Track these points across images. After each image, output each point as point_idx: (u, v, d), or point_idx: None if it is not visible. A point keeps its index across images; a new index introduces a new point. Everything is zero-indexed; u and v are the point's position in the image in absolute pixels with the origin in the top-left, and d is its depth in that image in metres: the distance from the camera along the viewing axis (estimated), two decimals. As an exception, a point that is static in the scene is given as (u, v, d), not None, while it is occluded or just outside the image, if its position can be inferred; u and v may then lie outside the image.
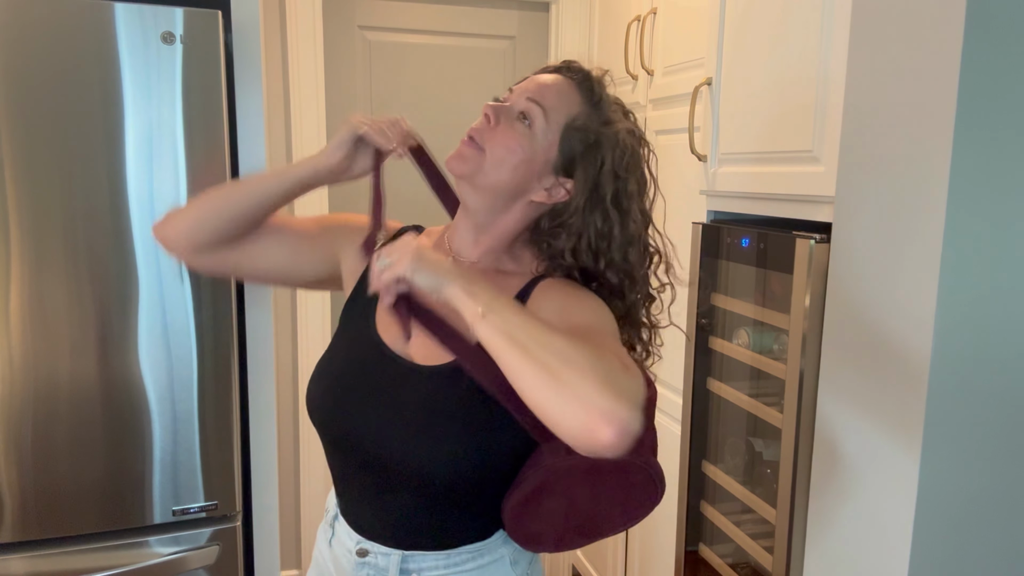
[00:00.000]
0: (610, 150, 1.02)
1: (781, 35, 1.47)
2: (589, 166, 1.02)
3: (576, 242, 1.03)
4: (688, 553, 1.82)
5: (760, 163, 1.54)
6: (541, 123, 1.01)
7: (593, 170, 1.02)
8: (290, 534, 2.63)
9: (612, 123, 1.03)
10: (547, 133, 1.02)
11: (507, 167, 1.01)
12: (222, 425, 1.56)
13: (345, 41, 2.54)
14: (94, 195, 1.42)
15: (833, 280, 1.30)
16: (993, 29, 1.03)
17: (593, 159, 1.02)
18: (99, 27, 1.39)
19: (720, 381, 1.72)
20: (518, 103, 1.02)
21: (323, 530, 1.17)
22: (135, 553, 1.53)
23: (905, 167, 1.13)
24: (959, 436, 1.12)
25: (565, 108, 1.02)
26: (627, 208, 1.04)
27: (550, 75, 1.06)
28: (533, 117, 1.01)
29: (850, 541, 1.27)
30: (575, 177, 1.02)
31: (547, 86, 1.03)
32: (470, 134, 1.02)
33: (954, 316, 1.08)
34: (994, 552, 1.17)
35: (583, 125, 1.02)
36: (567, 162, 1.03)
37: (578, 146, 1.02)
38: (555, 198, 1.04)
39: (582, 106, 1.03)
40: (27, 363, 1.43)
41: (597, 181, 1.02)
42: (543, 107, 1.01)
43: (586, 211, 1.02)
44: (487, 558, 1.06)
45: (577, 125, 1.02)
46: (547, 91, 1.03)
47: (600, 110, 1.04)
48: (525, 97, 1.02)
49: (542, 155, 1.02)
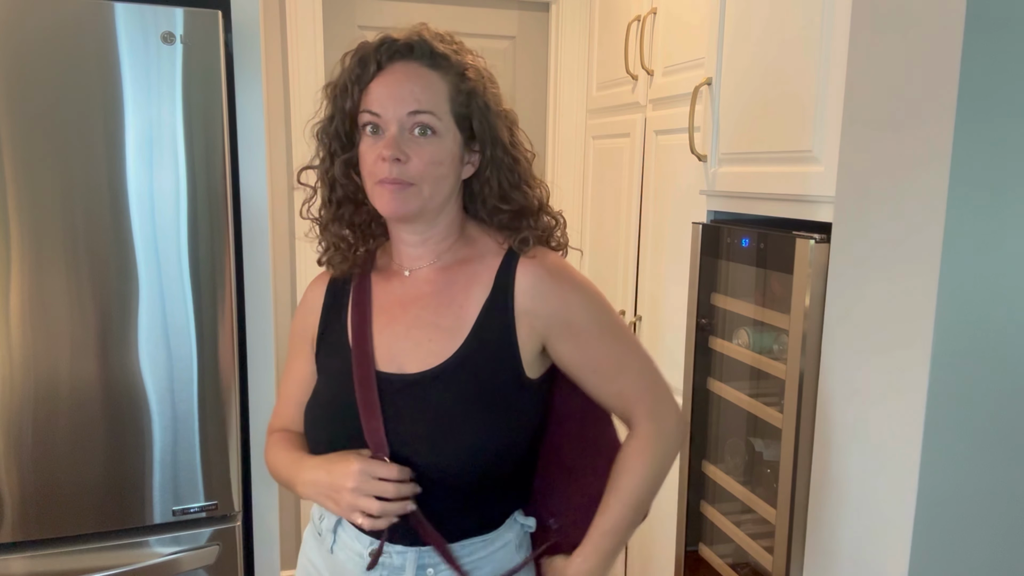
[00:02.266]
0: (480, 95, 1.04)
1: (781, 35, 1.47)
2: (477, 121, 1.04)
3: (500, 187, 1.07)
4: (688, 553, 1.82)
5: (760, 163, 1.54)
6: (439, 124, 1.01)
7: (481, 120, 1.04)
8: (290, 534, 2.63)
9: (464, 71, 1.04)
10: (447, 128, 1.02)
11: (443, 180, 1.03)
12: (222, 425, 1.56)
13: (345, 41, 2.52)
14: (94, 195, 1.42)
15: (833, 280, 1.30)
16: (993, 29, 1.03)
17: (478, 113, 1.04)
18: (99, 27, 1.39)
19: (720, 381, 1.72)
20: (406, 122, 1.00)
21: (316, 539, 1.15)
22: (135, 553, 1.53)
23: (905, 167, 1.13)
24: (959, 436, 1.12)
25: (440, 95, 1.02)
26: (515, 134, 1.09)
27: (400, 69, 1.02)
28: (431, 126, 1.01)
29: (850, 541, 1.27)
30: (477, 137, 1.05)
31: (414, 87, 1.01)
32: (388, 180, 1.00)
33: (954, 316, 1.08)
34: (994, 552, 1.17)
35: (457, 94, 1.03)
36: (467, 132, 1.05)
37: (465, 113, 1.04)
38: (475, 163, 1.07)
39: (445, 80, 1.03)
40: (27, 363, 1.43)
41: (489, 124, 1.05)
42: (431, 112, 1.01)
43: (495, 156, 1.06)
44: (496, 544, 1.08)
45: (456, 99, 1.03)
46: (420, 93, 1.01)
47: (452, 69, 1.03)
48: (407, 112, 1.00)
49: (455, 146, 1.04)
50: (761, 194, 1.54)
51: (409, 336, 1.06)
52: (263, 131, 1.61)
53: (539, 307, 1.03)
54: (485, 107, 1.04)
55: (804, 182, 1.40)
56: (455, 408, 1.02)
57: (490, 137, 1.05)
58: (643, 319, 2.24)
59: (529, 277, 1.05)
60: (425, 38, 1.03)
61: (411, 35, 1.03)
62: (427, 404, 1.03)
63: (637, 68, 2.22)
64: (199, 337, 1.52)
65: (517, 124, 1.10)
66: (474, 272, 1.07)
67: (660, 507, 2.13)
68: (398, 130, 1.00)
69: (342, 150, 1.08)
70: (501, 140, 1.06)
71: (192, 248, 1.50)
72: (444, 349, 1.04)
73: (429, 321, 1.06)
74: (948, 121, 1.05)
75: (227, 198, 1.51)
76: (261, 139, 1.61)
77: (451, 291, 1.07)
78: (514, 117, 1.10)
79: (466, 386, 1.02)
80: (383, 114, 1.01)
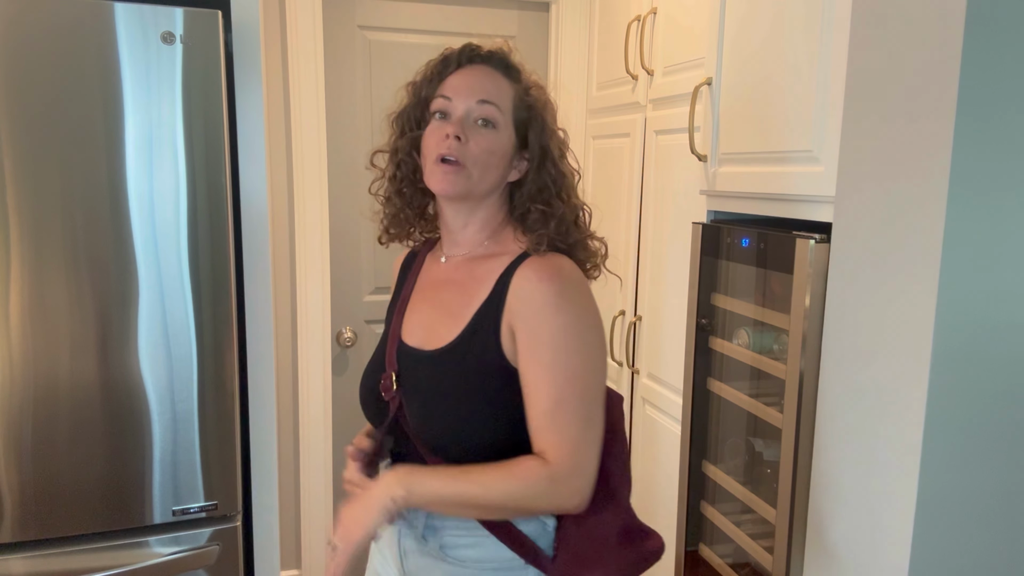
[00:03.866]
0: (540, 111, 1.17)
1: (781, 35, 1.47)
2: (533, 132, 1.16)
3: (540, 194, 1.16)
4: (688, 553, 1.82)
5: (760, 163, 1.54)
6: (500, 119, 1.13)
7: (537, 133, 1.16)
8: (290, 534, 2.63)
9: (530, 88, 1.18)
10: (505, 126, 1.14)
11: (492, 170, 1.13)
12: (222, 425, 1.56)
13: (345, 41, 2.54)
14: (94, 195, 1.42)
15: (833, 280, 1.30)
16: (993, 29, 1.03)
17: (536, 125, 1.16)
18: (99, 27, 1.39)
19: (720, 381, 1.72)
20: (473, 110, 1.13)
21: None
22: (135, 553, 1.53)
23: (905, 167, 1.13)
24: (959, 436, 1.12)
25: (506, 97, 1.15)
26: (564, 153, 1.20)
27: (477, 69, 1.16)
28: (493, 119, 1.13)
29: (850, 541, 1.27)
30: (529, 145, 1.16)
31: (486, 83, 1.14)
32: (445, 156, 1.11)
33: (954, 316, 1.08)
34: (994, 552, 1.17)
35: (520, 103, 1.16)
36: (522, 138, 1.17)
37: (524, 120, 1.16)
38: (521, 171, 1.17)
39: (513, 87, 1.16)
40: (27, 363, 1.43)
41: (541, 137, 1.16)
42: (496, 106, 1.13)
43: (542, 166, 1.16)
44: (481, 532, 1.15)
45: (519, 106, 1.16)
46: (490, 89, 1.14)
47: (521, 81, 1.18)
48: (476, 101, 1.13)
49: (509, 145, 1.15)
50: (761, 194, 1.54)
51: (432, 316, 1.18)
52: (263, 131, 1.61)
53: (514, 303, 1.08)
54: (542, 122, 1.16)
55: (804, 182, 1.40)
56: (443, 388, 1.11)
57: (539, 148, 1.16)
58: (643, 319, 2.24)
59: (520, 273, 1.09)
60: (504, 51, 1.18)
61: (492, 46, 1.18)
62: (427, 380, 1.13)
63: (637, 68, 2.23)
64: (199, 337, 1.52)
65: (567, 147, 1.21)
66: (492, 267, 1.14)
67: (660, 507, 2.13)
68: (464, 114, 1.13)
69: (411, 130, 1.20)
70: (551, 153, 1.16)
71: (192, 248, 1.50)
72: (449, 333, 1.13)
73: (447, 306, 1.16)
74: (948, 121, 1.05)
75: (227, 198, 1.51)
76: (261, 139, 1.61)
77: (470, 281, 1.16)
78: (566, 140, 1.21)
79: (455, 369, 1.11)
80: (454, 98, 1.14)
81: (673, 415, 2.04)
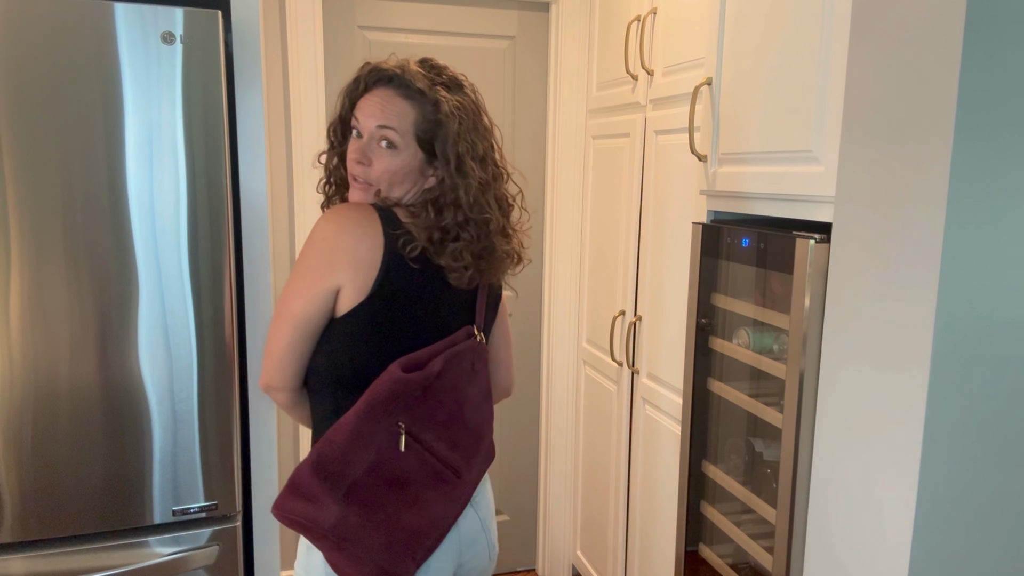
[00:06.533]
0: (445, 125, 1.26)
1: (781, 35, 1.47)
2: (439, 145, 1.27)
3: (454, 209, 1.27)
4: (688, 553, 1.82)
5: (760, 163, 1.54)
6: (399, 141, 1.26)
7: (442, 146, 1.26)
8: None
9: (439, 104, 1.26)
10: (406, 145, 1.27)
11: (398, 185, 1.28)
12: (222, 425, 1.56)
13: (345, 41, 2.54)
14: (94, 195, 1.42)
15: (833, 280, 1.30)
16: (993, 29, 1.03)
17: (441, 140, 1.26)
18: (99, 27, 1.39)
19: (720, 381, 1.72)
20: (375, 133, 1.26)
21: None
22: (135, 553, 1.53)
23: (905, 166, 1.13)
24: (959, 436, 1.12)
25: (406, 119, 1.26)
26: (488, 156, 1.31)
27: (380, 93, 1.27)
28: (393, 141, 1.26)
29: (850, 541, 1.27)
30: (438, 157, 1.28)
31: (386, 108, 1.26)
32: (355, 176, 1.28)
33: (954, 316, 1.08)
34: (994, 552, 1.17)
35: (422, 120, 1.26)
36: (429, 153, 1.28)
37: (428, 138, 1.27)
38: (438, 178, 1.29)
39: (415, 107, 1.26)
40: (27, 363, 1.43)
41: (449, 153, 1.26)
42: (395, 129, 1.26)
43: (454, 178, 1.26)
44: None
45: (421, 124, 1.26)
46: (390, 113, 1.26)
47: (426, 99, 1.26)
48: (376, 125, 1.26)
49: (413, 161, 1.28)
50: (761, 194, 1.54)
51: None
52: (263, 131, 1.61)
53: None
54: (446, 136, 1.26)
55: (804, 182, 1.40)
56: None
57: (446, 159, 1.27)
58: (643, 319, 2.24)
59: None
60: (407, 72, 1.26)
61: (395, 67, 1.27)
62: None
63: (637, 68, 2.23)
64: (199, 337, 1.52)
65: (494, 148, 1.34)
66: None
67: (660, 507, 2.13)
68: (368, 139, 1.28)
69: (338, 144, 1.37)
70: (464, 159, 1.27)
71: (192, 248, 1.50)
72: None
73: None
74: (948, 120, 1.05)
75: (227, 198, 1.51)
76: (261, 139, 1.61)
77: None
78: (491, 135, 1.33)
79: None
80: (361, 120, 1.28)
81: (673, 415, 2.04)
